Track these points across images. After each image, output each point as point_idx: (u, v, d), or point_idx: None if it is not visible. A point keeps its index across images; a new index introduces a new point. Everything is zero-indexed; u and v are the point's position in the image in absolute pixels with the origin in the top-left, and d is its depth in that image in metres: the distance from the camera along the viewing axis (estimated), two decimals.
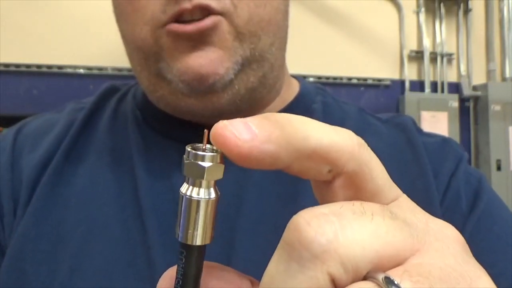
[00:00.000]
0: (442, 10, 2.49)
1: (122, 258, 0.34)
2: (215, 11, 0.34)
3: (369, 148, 0.18)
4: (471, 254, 0.18)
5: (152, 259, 0.34)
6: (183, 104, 0.37)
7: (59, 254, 0.35)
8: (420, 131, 0.45)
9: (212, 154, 0.18)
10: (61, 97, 1.94)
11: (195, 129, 0.39)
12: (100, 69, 2.01)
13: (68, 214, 0.36)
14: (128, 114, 0.42)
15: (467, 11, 2.52)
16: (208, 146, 0.19)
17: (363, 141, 0.18)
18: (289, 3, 0.41)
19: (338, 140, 0.17)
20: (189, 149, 0.19)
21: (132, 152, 0.39)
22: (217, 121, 0.17)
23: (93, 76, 2.00)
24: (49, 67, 1.94)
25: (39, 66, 1.93)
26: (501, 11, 2.56)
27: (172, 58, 0.35)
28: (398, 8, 2.43)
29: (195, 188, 0.19)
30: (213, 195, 0.19)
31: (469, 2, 2.50)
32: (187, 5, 0.34)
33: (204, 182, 0.19)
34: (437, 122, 2.17)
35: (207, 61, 0.34)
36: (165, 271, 0.32)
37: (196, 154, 0.18)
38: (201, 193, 0.19)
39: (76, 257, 0.34)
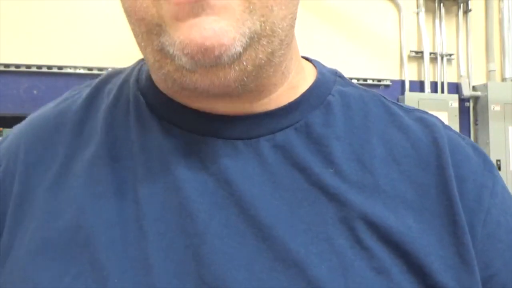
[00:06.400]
0: (442, 10, 2.49)
1: (120, 263, 0.34)
2: None
3: None
4: None
5: (150, 265, 0.34)
6: (188, 81, 0.35)
7: (65, 260, 0.35)
8: (449, 128, 0.43)
9: None
10: None
11: (202, 116, 0.38)
12: (100, 69, 2.01)
13: (71, 219, 0.36)
14: (130, 102, 0.41)
15: (467, 11, 2.52)
16: None
17: None
18: None
19: None
20: None
21: (133, 147, 0.38)
22: (225, 104, 0.15)
23: (93, 76, 2.00)
24: (49, 67, 1.94)
25: (39, 66, 1.93)
26: (501, 11, 2.56)
27: (174, 29, 0.33)
28: (398, 8, 2.43)
29: None
30: None
31: (469, 2, 2.50)
32: None
33: None
34: None
35: (210, 33, 0.32)
36: (163, 277, 0.33)
37: None
38: None
39: (81, 263, 0.35)
